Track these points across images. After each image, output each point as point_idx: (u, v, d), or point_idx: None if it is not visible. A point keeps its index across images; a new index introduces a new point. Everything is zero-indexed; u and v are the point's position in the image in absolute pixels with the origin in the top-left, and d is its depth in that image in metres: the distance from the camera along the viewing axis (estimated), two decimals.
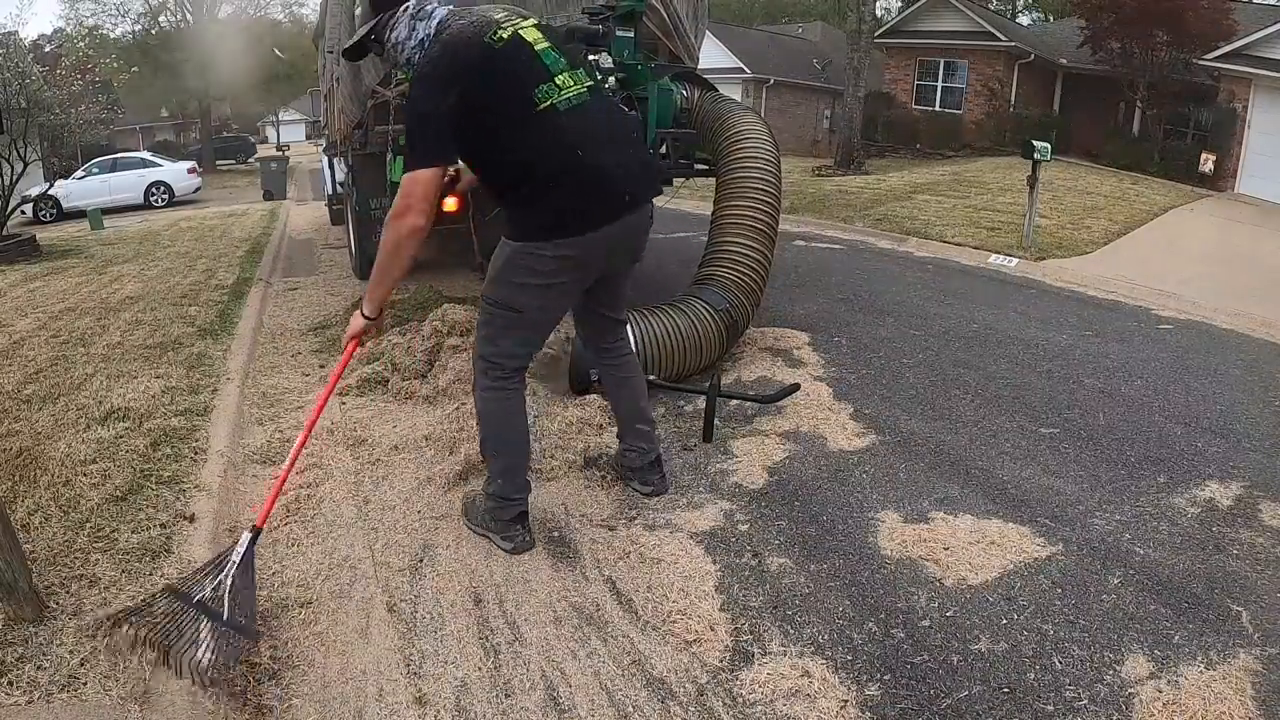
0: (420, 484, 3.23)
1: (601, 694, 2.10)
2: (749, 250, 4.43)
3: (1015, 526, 2.85)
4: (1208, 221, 11.40)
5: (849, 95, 17.17)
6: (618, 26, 4.55)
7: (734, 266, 4.42)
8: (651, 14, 5.21)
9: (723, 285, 4.37)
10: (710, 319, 4.23)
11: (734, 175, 4.58)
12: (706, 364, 4.31)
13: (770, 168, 4.59)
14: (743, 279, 4.40)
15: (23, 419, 3.73)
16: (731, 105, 5.10)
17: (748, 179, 4.54)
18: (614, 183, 2.47)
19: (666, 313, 4.19)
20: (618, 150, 2.51)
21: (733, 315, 4.33)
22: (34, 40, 26.21)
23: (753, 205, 4.50)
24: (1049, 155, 8.00)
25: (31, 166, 10.83)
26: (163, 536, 2.66)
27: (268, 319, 5.96)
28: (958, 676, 2.13)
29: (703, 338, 4.19)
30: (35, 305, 6.51)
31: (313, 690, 2.11)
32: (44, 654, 2.07)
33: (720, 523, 2.91)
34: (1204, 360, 4.90)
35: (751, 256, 4.43)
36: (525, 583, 2.57)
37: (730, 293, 4.35)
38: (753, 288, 4.43)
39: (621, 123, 2.69)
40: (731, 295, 4.35)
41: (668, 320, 4.14)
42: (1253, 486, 3.20)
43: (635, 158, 2.64)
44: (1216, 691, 2.06)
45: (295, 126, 43.13)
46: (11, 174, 10.11)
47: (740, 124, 4.79)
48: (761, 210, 4.49)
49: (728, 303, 4.31)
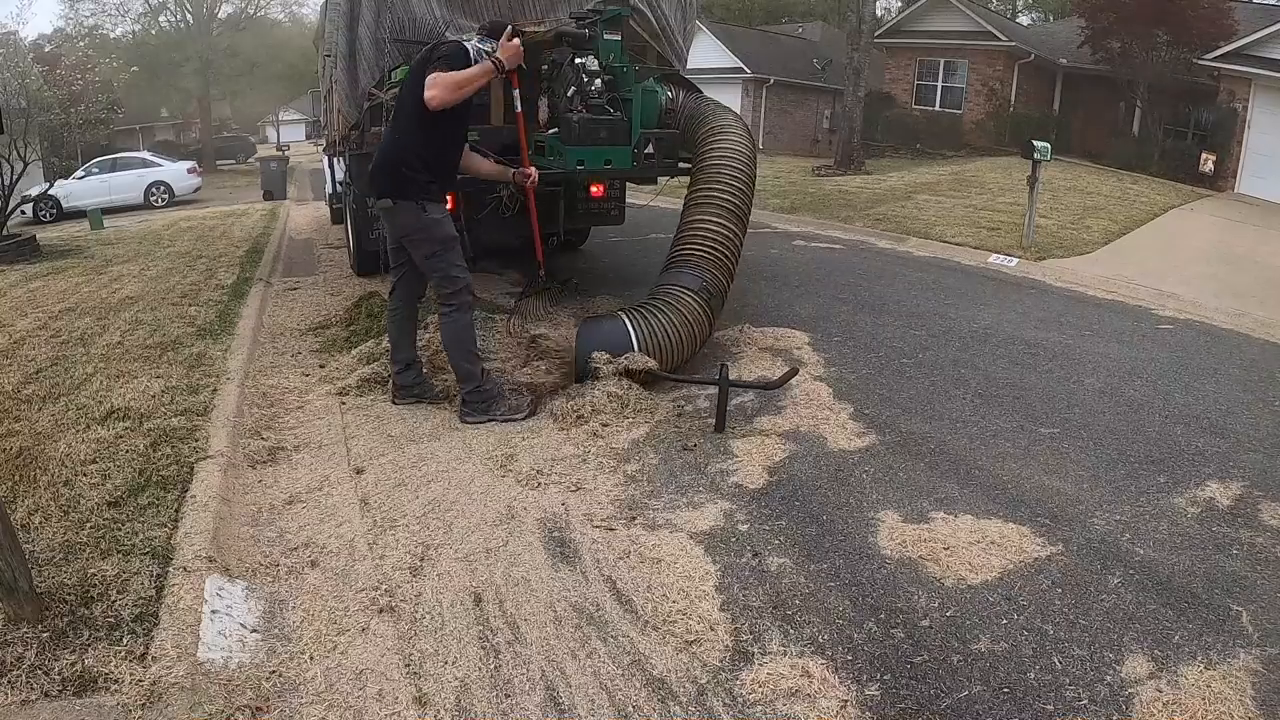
0: (420, 482, 3.23)
1: (601, 694, 2.10)
2: (717, 226, 4.53)
3: (1015, 526, 2.85)
4: (1208, 221, 11.40)
5: (849, 95, 17.17)
6: (605, 30, 4.66)
7: (703, 242, 4.52)
8: (639, 18, 5.32)
9: (694, 263, 4.47)
10: (692, 301, 4.33)
11: (707, 162, 4.73)
12: (700, 345, 4.42)
13: (742, 156, 4.70)
14: (712, 253, 4.49)
15: (23, 419, 3.73)
16: (711, 105, 5.21)
17: (720, 164, 4.67)
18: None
19: (658, 309, 4.27)
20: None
21: (710, 291, 4.41)
22: (34, 40, 26.25)
23: (723, 185, 4.61)
24: (1049, 155, 8.00)
25: (31, 166, 10.81)
26: (163, 536, 2.66)
27: (268, 319, 5.95)
28: (958, 676, 2.13)
29: (693, 324, 4.29)
30: (35, 305, 6.51)
31: (313, 690, 2.11)
32: (44, 654, 2.07)
33: (720, 523, 2.91)
34: (1204, 360, 4.90)
35: (720, 232, 4.52)
36: (525, 583, 2.57)
37: (703, 270, 4.44)
38: (723, 260, 4.52)
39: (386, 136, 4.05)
40: (705, 272, 4.43)
41: (662, 317, 4.23)
42: (1253, 486, 3.20)
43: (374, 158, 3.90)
44: (1216, 691, 2.06)
45: (295, 126, 43.13)
46: (11, 174, 10.10)
47: (717, 120, 4.94)
48: (731, 191, 4.60)
49: (702, 280, 4.40)
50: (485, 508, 3.05)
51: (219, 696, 2.02)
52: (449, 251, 3.78)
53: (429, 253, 3.77)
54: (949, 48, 20.93)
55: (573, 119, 4.52)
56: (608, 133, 4.60)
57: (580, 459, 3.45)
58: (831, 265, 7.67)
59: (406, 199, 3.68)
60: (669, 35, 5.75)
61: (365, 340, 5.04)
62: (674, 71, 5.65)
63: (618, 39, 4.72)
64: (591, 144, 4.58)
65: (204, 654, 2.14)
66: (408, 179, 3.68)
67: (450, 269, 3.78)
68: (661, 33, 5.68)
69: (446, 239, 3.76)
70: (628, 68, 4.74)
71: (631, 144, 4.72)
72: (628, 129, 4.69)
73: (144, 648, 2.11)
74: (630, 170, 4.95)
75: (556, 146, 4.61)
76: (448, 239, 3.77)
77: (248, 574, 2.61)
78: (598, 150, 4.61)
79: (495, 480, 3.28)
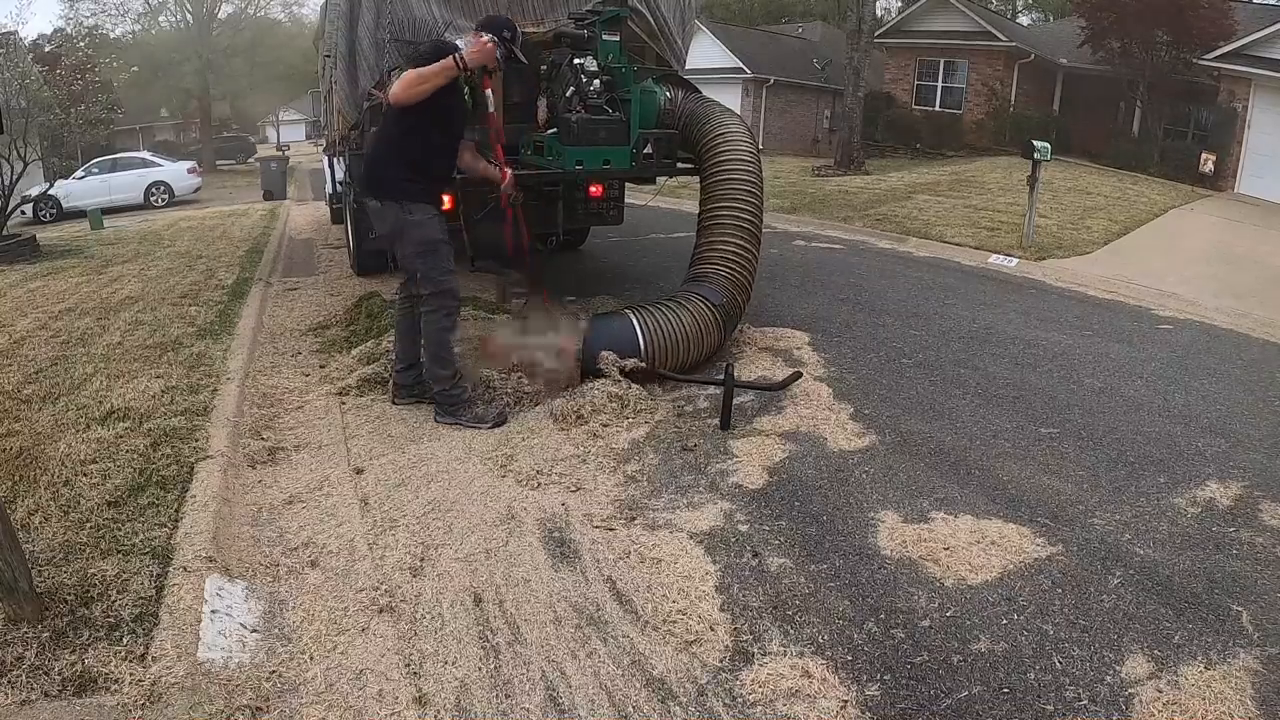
0: (420, 482, 3.23)
1: (601, 694, 2.10)
2: (740, 249, 4.65)
3: (1015, 526, 2.85)
4: (1208, 221, 11.40)
5: (849, 95, 17.16)
6: (603, 31, 4.68)
7: (726, 264, 4.61)
8: (637, 19, 5.34)
9: (719, 282, 4.55)
10: (710, 314, 4.41)
11: (719, 176, 4.79)
12: (707, 356, 4.46)
13: (752, 168, 4.80)
14: (735, 276, 4.61)
15: (23, 419, 3.73)
16: (712, 105, 5.26)
17: (733, 180, 4.74)
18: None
19: (669, 308, 4.36)
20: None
21: (729, 310, 4.51)
22: (34, 40, 26.22)
23: (740, 205, 4.71)
24: (1049, 155, 8.00)
25: (31, 166, 10.80)
26: (163, 536, 2.66)
27: (268, 319, 5.95)
28: (958, 676, 2.13)
29: (704, 332, 4.38)
30: (35, 305, 6.51)
31: (313, 690, 2.11)
32: (44, 654, 2.07)
33: (720, 523, 2.91)
34: (1204, 360, 4.90)
35: (743, 255, 4.65)
36: (525, 583, 2.57)
37: (727, 290, 4.53)
38: (745, 284, 4.66)
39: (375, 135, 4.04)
40: (728, 293, 4.52)
41: (672, 316, 4.30)
42: (1253, 486, 3.20)
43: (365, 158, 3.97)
44: (1216, 691, 2.06)
45: (295, 126, 43.13)
46: (11, 174, 10.10)
47: (722, 126, 4.97)
48: (748, 210, 4.71)
49: (724, 298, 4.49)
50: (485, 508, 3.05)
51: (219, 696, 2.02)
52: (432, 254, 3.70)
53: (411, 253, 3.74)
54: (949, 48, 20.92)
55: (571, 119, 4.53)
56: (606, 133, 4.64)
57: (580, 459, 3.45)
58: (831, 265, 7.67)
59: (389, 199, 3.65)
60: (668, 36, 5.78)
61: (365, 340, 5.04)
62: (673, 72, 5.68)
63: (616, 39, 4.73)
64: (590, 144, 4.61)
65: (204, 654, 2.14)
66: (389, 179, 3.65)
67: (431, 271, 3.71)
68: (660, 33, 5.70)
69: (429, 241, 3.68)
70: (626, 68, 4.76)
71: (630, 144, 4.75)
72: (626, 129, 4.72)
73: (144, 648, 2.11)
74: (629, 170, 4.98)
75: (555, 147, 4.61)
76: (431, 241, 3.68)
77: (248, 574, 2.61)
78: (596, 150, 4.65)
79: (495, 480, 3.28)
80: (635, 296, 5.04)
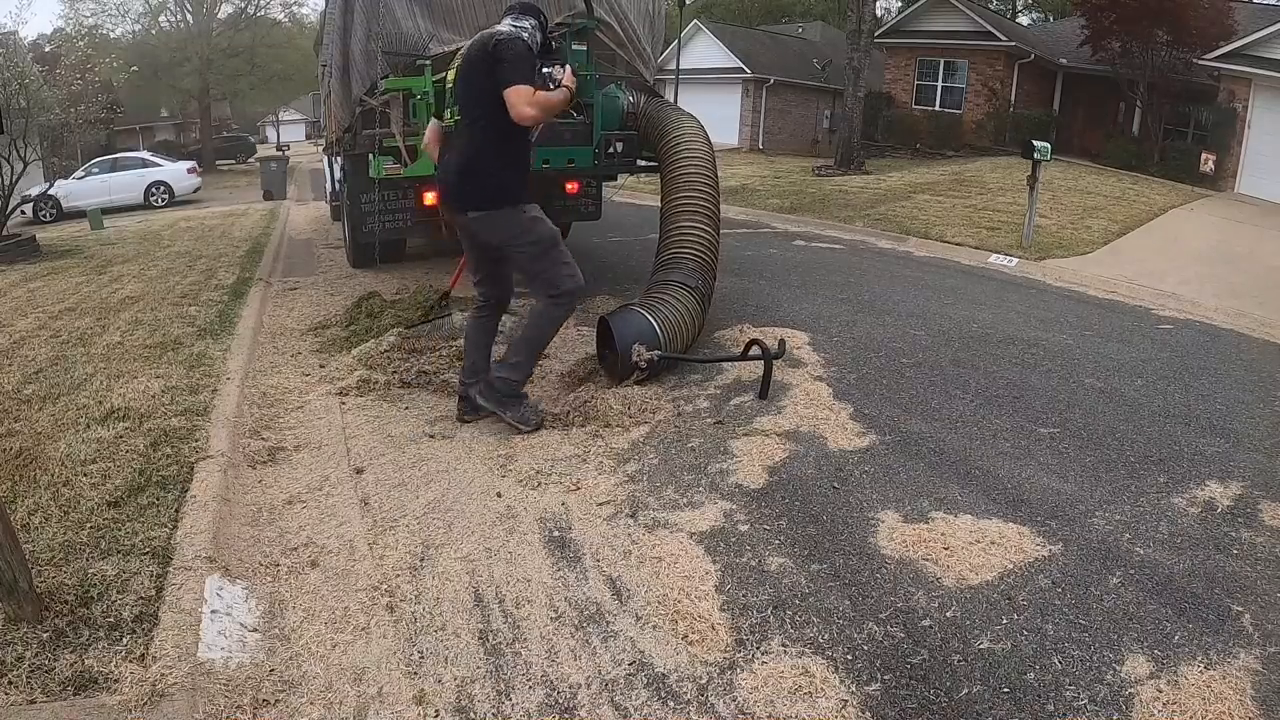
0: (420, 482, 3.23)
1: (602, 694, 2.10)
2: (702, 232, 4.92)
3: (1015, 526, 2.85)
4: (1208, 221, 11.40)
5: (849, 95, 17.15)
6: (572, 41, 5.06)
7: (692, 247, 4.86)
8: (606, 30, 5.86)
9: (687, 265, 4.78)
10: (694, 298, 4.62)
11: (678, 169, 5.15)
12: (695, 338, 4.69)
13: (707, 164, 5.18)
14: (700, 257, 4.85)
15: (23, 419, 3.73)
16: (670, 109, 5.75)
17: (689, 171, 5.11)
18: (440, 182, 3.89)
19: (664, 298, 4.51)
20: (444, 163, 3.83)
21: (703, 291, 4.76)
22: (34, 40, 26.24)
23: (698, 192, 5.02)
24: (1049, 155, 8.01)
25: (31, 166, 10.81)
26: (163, 536, 2.66)
27: (268, 319, 5.96)
28: (958, 676, 2.13)
29: (694, 315, 4.59)
30: (35, 305, 6.51)
31: (313, 690, 2.11)
32: (44, 654, 2.07)
33: (720, 523, 2.91)
34: (1204, 360, 4.90)
35: (705, 238, 4.92)
36: (525, 583, 2.57)
37: (696, 272, 4.76)
38: (710, 264, 4.92)
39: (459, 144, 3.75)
40: (698, 275, 4.76)
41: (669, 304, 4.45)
42: (1253, 486, 3.20)
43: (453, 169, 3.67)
44: (1216, 691, 2.06)
45: (295, 126, 43.16)
46: (11, 174, 10.10)
47: (679, 126, 5.38)
48: (706, 197, 5.04)
49: (698, 279, 4.73)
50: (485, 507, 3.05)
51: (219, 696, 2.03)
52: (554, 249, 3.64)
53: (534, 254, 3.62)
54: (949, 48, 20.92)
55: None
56: (571, 135, 5.24)
57: (580, 459, 3.45)
58: (831, 265, 7.67)
59: (505, 205, 3.56)
60: (636, 45, 6.28)
61: (365, 340, 5.04)
62: (637, 78, 6.22)
63: (584, 49, 5.19)
64: (556, 145, 5.17)
65: (204, 654, 2.14)
66: (498, 186, 3.57)
67: (553, 271, 3.62)
68: (629, 42, 6.21)
69: (549, 237, 3.64)
70: (591, 75, 5.19)
71: (594, 145, 5.30)
72: (589, 131, 5.28)
73: (144, 648, 2.12)
74: (592, 169, 5.58)
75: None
76: (552, 236, 3.64)
77: (248, 574, 2.61)
78: (561, 150, 5.24)
79: (495, 480, 3.28)
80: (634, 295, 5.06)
